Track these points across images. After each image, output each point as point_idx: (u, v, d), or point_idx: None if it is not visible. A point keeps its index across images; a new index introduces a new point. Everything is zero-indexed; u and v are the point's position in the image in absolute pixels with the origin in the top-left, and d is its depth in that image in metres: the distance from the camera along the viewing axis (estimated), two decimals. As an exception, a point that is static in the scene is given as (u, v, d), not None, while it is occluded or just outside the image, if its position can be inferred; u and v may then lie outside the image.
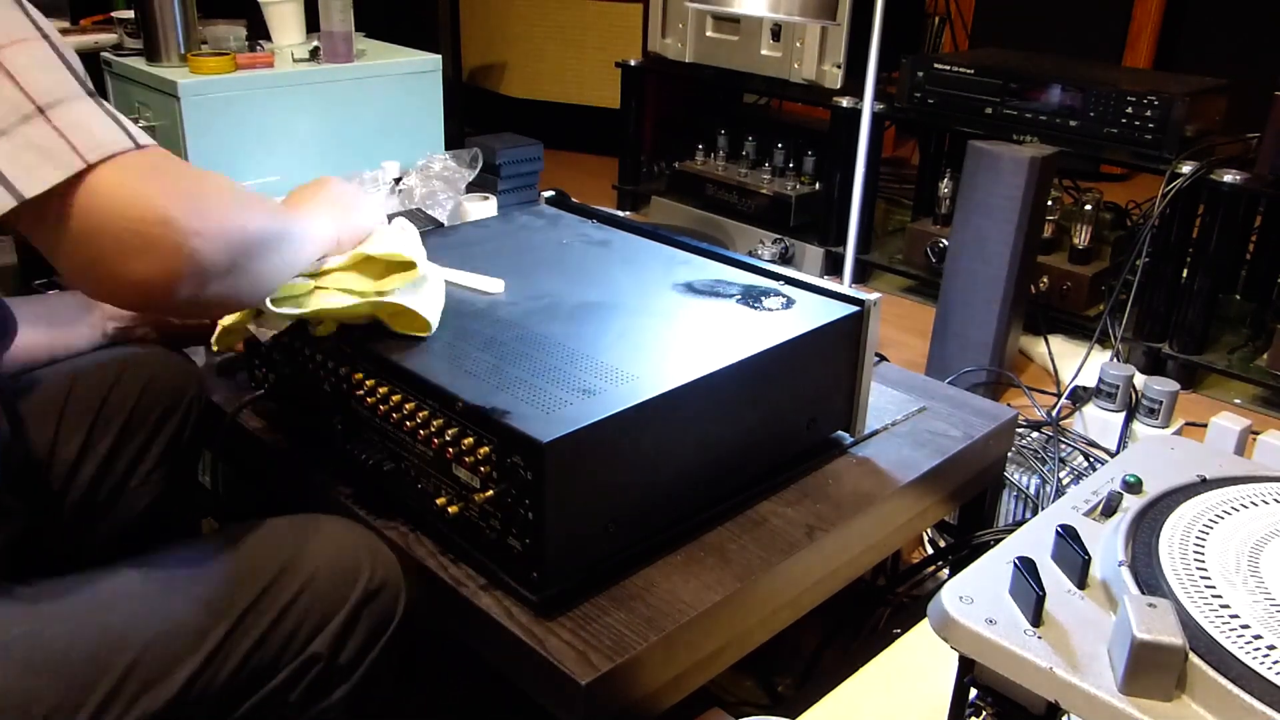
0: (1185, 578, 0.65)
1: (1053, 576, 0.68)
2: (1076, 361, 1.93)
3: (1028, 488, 1.48)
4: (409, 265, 0.96)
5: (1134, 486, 0.78)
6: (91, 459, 1.00)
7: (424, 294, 0.97)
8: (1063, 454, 1.55)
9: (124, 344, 1.09)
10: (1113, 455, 1.61)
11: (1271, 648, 0.59)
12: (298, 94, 1.92)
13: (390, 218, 1.06)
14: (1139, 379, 1.71)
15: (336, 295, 0.94)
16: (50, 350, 1.03)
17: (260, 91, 1.87)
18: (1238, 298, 2.28)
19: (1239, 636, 0.60)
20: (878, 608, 1.36)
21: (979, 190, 1.84)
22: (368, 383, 0.94)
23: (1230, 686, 0.57)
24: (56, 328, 1.04)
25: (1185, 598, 0.63)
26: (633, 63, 2.84)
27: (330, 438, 0.99)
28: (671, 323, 1.02)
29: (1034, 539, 0.72)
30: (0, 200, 0.61)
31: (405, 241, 1.00)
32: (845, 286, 1.08)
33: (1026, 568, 0.65)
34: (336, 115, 1.97)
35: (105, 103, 0.66)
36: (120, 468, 1.02)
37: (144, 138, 0.66)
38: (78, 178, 0.61)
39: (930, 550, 1.45)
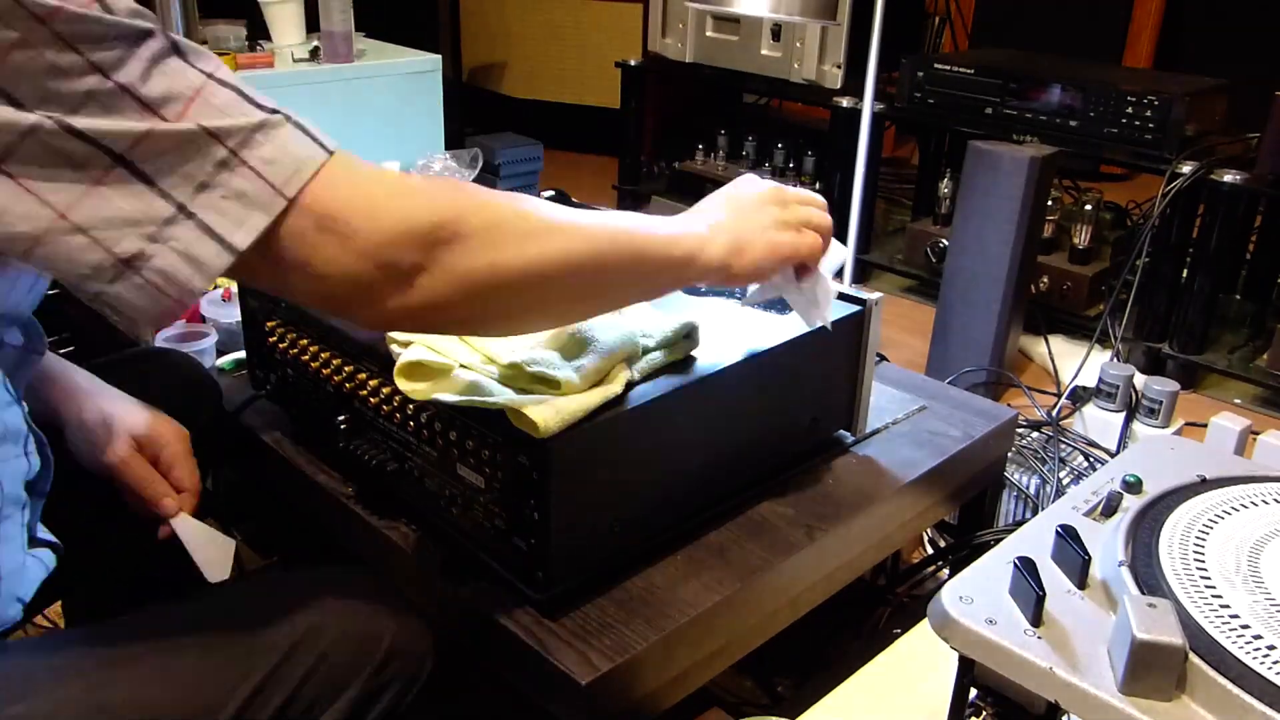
0: (1185, 578, 0.65)
1: (1053, 576, 0.68)
2: (1076, 361, 1.94)
3: (1028, 488, 1.48)
4: (554, 384, 0.81)
5: (1134, 486, 0.78)
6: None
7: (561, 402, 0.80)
8: (1063, 454, 1.55)
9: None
10: (1113, 455, 1.62)
11: (1271, 648, 0.59)
12: (298, 94, 1.92)
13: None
14: (1139, 379, 1.71)
15: (470, 389, 0.82)
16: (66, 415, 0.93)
17: (260, 91, 1.87)
18: (1238, 298, 2.28)
19: (1239, 636, 0.60)
20: (878, 608, 1.36)
21: (979, 190, 1.84)
22: (371, 383, 0.94)
23: (1230, 686, 0.57)
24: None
25: (1185, 598, 0.63)
26: (633, 63, 2.84)
27: (333, 438, 0.99)
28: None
29: (1034, 539, 0.72)
30: (217, 258, 0.60)
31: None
32: (846, 286, 1.08)
33: (1026, 568, 0.65)
34: (336, 115, 1.97)
35: (280, 109, 0.65)
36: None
37: (329, 140, 0.65)
38: (282, 214, 0.61)
39: (930, 550, 1.45)
